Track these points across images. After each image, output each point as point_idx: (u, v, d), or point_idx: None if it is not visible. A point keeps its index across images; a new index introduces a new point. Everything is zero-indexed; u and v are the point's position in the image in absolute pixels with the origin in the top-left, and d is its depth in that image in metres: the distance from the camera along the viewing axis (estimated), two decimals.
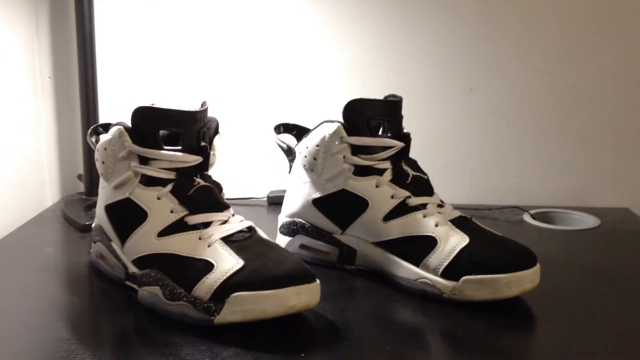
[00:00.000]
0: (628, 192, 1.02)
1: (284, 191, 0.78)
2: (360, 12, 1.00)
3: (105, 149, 0.66)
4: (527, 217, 0.94)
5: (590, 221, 0.92)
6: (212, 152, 0.68)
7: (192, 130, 0.65)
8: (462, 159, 1.03)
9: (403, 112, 0.73)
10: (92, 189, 0.97)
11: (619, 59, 0.99)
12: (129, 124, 0.64)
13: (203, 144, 0.66)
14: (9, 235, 0.85)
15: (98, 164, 0.67)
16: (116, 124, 0.65)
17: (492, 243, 0.65)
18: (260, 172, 1.04)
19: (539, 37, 0.99)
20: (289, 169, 0.77)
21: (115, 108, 1.01)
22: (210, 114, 0.68)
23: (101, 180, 0.68)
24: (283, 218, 0.78)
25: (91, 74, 0.95)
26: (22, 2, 0.95)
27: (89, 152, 0.96)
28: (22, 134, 0.96)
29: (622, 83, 1.00)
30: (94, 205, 0.73)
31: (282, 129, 0.78)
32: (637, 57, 0.99)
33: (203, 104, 0.67)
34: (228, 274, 0.57)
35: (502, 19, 0.99)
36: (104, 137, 0.66)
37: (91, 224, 0.73)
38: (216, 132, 0.69)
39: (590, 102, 1.01)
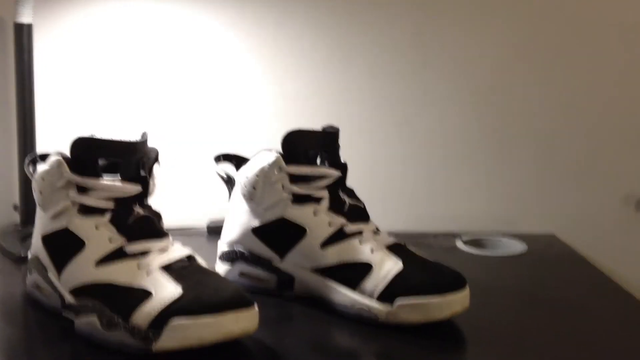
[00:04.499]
0: (554, 219, 1.07)
1: (224, 220, 0.79)
2: (298, 47, 1.03)
3: (43, 179, 0.66)
4: (459, 243, 0.97)
5: (518, 247, 0.97)
6: (151, 181, 0.68)
7: (131, 160, 0.66)
8: (398, 187, 1.06)
9: (342, 142, 0.76)
10: (27, 219, 0.96)
11: (541, 93, 1.05)
12: (68, 154, 0.65)
13: (142, 173, 0.66)
14: None
15: (35, 194, 0.67)
16: (55, 154, 0.65)
17: (424, 268, 0.68)
18: (199, 201, 1.04)
19: (467, 72, 1.04)
20: (228, 197, 0.78)
21: (53, 138, 1.00)
22: (150, 144, 0.69)
23: (38, 210, 0.68)
24: (222, 246, 0.78)
25: (29, 103, 0.94)
26: None
27: (25, 182, 0.94)
28: None
29: (545, 115, 1.05)
30: (29, 235, 0.72)
31: (222, 159, 0.79)
32: (559, 90, 1.05)
33: (143, 134, 0.68)
34: (166, 302, 0.57)
35: (433, 58, 1.03)
36: (42, 167, 0.66)
37: (27, 255, 0.72)
38: (156, 161, 0.70)
39: (516, 133, 1.06)
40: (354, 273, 0.68)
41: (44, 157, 0.68)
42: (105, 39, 1.01)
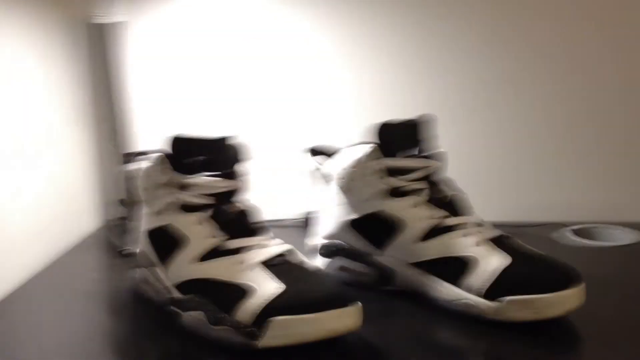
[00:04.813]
0: None
1: (320, 213, 0.79)
2: (390, 39, 1.00)
3: (146, 176, 0.67)
4: (568, 233, 0.92)
5: (632, 236, 0.90)
6: (246, 177, 0.69)
7: (227, 156, 0.66)
8: (500, 175, 1.02)
9: (439, 132, 0.73)
10: (133, 214, 0.99)
11: None
12: (167, 151, 0.66)
13: (238, 168, 0.67)
14: (53, 262, 0.86)
15: (139, 191, 0.69)
16: (156, 151, 0.67)
17: (534, 262, 0.64)
18: (295, 194, 1.04)
19: (571, 54, 0.98)
20: (324, 190, 0.78)
21: (150, 136, 1.03)
22: (242, 139, 0.69)
23: (142, 206, 0.70)
24: (320, 240, 0.78)
25: (127, 102, 0.98)
26: (59, 29, 0.98)
27: (128, 178, 0.98)
28: (64, 161, 0.98)
29: None
30: (135, 231, 0.74)
31: (316, 151, 0.79)
32: None
33: (233, 131, 0.68)
34: (269, 298, 0.57)
35: (532, 44, 0.99)
36: (144, 164, 0.68)
37: (133, 250, 0.74)
38: (249, 156, 0.70)
39: (624, 115, 0.99)
40: (458, 268, 0.65)
41: (143, 155, 0.70)
42: (194, 36, 1.02)
